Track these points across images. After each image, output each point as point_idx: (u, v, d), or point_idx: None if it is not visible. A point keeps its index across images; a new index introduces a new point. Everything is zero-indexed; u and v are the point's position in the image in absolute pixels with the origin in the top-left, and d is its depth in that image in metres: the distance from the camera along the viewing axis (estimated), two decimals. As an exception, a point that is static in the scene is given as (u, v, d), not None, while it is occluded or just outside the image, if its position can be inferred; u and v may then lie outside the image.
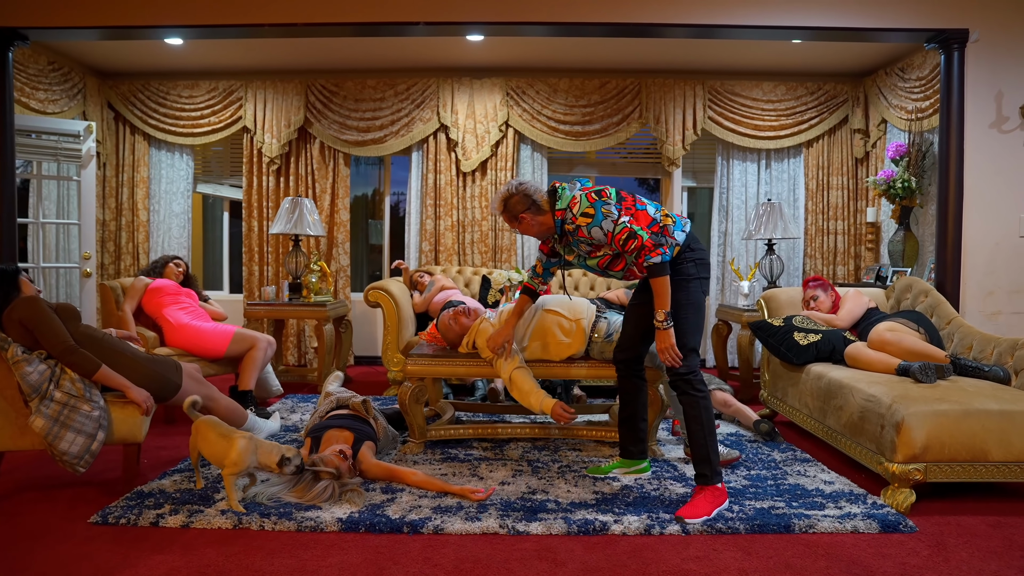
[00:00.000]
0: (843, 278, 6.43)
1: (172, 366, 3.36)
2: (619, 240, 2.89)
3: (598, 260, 3.07)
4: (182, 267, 4.95)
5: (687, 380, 2.90)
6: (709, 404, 2.92)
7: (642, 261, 2.86)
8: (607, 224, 2.91)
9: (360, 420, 3.50)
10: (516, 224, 3.10)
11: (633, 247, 2.87)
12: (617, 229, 2.89)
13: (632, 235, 2.86)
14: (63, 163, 5.84)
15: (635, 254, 2.88)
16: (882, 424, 2.98)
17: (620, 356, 3.27)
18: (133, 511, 2.82)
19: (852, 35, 4.54)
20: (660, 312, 2.86)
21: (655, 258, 2.84)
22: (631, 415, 3.29)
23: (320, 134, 6.50)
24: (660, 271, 2.85)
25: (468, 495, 2.97)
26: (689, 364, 2.90)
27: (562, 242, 3.12)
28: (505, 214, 3.11)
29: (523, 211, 3.06)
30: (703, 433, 2.87)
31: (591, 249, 3.05)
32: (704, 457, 2.87)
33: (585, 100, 6.34)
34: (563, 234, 3.07)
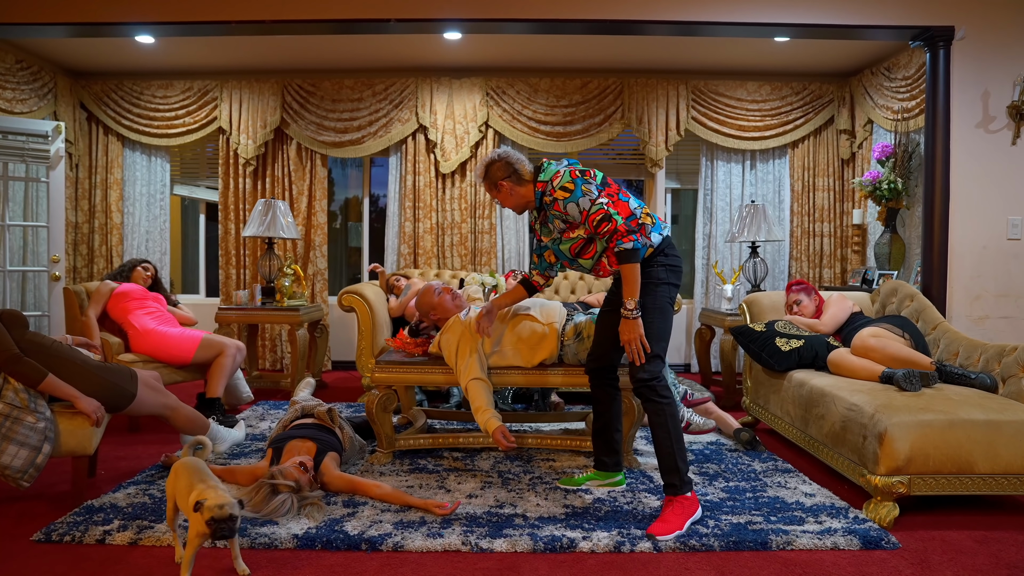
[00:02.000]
0: (829, 281, 6.33)
1: (126, 374, 3.21)
2: (593, 220, 2.80)
3: (571, 244, 2.96)
4: (150, 271, 4.80)
5: (650, 386, 2.79)
6: (675, 411, 2.81)
7: (613, 246, 2.78)
8: (584, 202, 2.83)
9: (325, 430, 3.36)
10: (495, 192, 3.03)
11: (606, 230, 2.78)
12: (593, 209, 2.80)
13: (607, 217, 2.77)
14: (31, 164, 5.69)
15: (607, 237, 2.79)
16: (864, 434, 2.86)
17: (592, 364, 3.15)
18: (79, 527, 2.67)
19: (836, 32, 4.44)
20: (629, 300, 2.76)
21: (627, 244, 2.75)
22: (604, 426, 3.17)
23: (297, 135, 6.36)
24: (631, 258, 2.77)
25: (432, 509, 2.84)
26: (652, 370, 2.79)
27: (540, 218, 3.05)
28: (486, 181, 3.04)
29: (503, 178, 2.99)
30: (670, 441, 2.75)
31: (565, 228, 2.95)
32: (672, 466, 2.75)
33: (566, 100, 6.22)
34: (541, 208, 2.99)
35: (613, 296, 3.08)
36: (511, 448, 3.06)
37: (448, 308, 3.61)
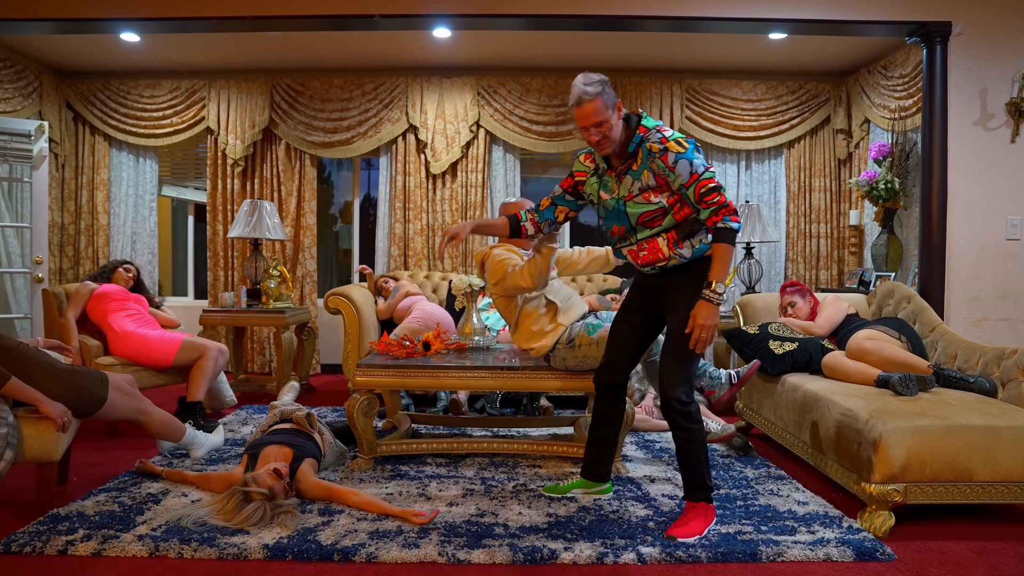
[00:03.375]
0: (826, 283, 6.23)
1: (96, 378, 3.11)
2: (702, 186, 2.52)
3: (644, 209, 2.64)
4: (132, 272, 4.71)
5: (686, 413, 2.64)
6: (705, 436, 2.70)
7: (718, 219, 2.51)
8: (697, 164, 2.54)
9: (303, 435, 3.26)
10: (606, 118, 2.53)
11: (714, 201, 2.51)
12: (705, 175, 2.53)
13: (718, 189, 2.53)
14: (13, 164, 5.59)
15: (713, 208, 2.51)
16: (859, 441, 2.76)
17: (606, 378, 2.94)
18: (41, 537, 2.57)
19: (832, 28, 4.35)
20: (718, 283, 2.53)
21: (733, 223, 2.52)
22: (603, 437, 3.02)
23: (286, 135, 6.27)
24: (731, 238, 2.54)
25: (410, 518, 2.73)
26: (689, 392, 2.66)
27: (614, 169, 2.69)
28: (598, 100, 2.50)
29: (615, 104, 2.58)
30: (700, 464, 2.67)
31: (647, 189, 2.62)
32: (701, 483, 2.68)
33: (559, 100, 6.13)
34: (625, 157, 2.65)
35: (639, 301, 2.87)
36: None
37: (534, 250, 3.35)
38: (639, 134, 2.61)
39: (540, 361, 3.49)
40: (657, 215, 2.64)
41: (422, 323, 4.69)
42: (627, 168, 2.66)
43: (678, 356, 2.66)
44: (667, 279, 2.75)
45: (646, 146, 2.59)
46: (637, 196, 2.64)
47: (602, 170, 2.75)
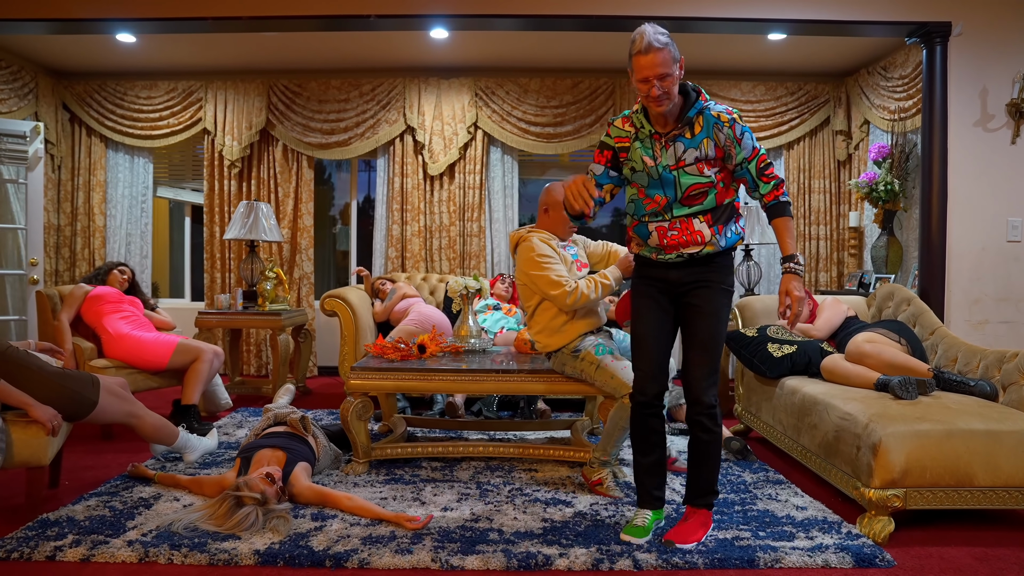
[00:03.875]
0: (825, 285, 6.19)
1: (87, 381, 3.07)
2: (762, 161, 2.50)
3: (695, 181, 2.47)
4: (127, 274, 4.67)
5: (712, 414, 2.54)
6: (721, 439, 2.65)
7: (779, 194, 2.50)
8: (754, 139, 2.51)
9: (296, 439, 3.22)
10: (671, 70, 2.32)
11: (774, 175, 2.51)
12: (761, 150, 2.51)
13: (772, 164, 2.52)
14: (9, 165, 5.56)
15: (775, 183, 2.50)
16: (858, 445, 2.72)
17: (651, 393, 2.62)
18: (30, 543, 2.53)
19: (831, 28, 4.31)
20: (799, 254, 2.51)
21: (785, 198, 2.53)
22: (659, 459, 2.70)
23: (283, 136, 6.23)
24: (790, 211, 2.54)
25: (403, 523, 2.70)
26: (716, 393, 2.57)
27: (660, 133, 2.48)
28: (665, 51, 2.32)
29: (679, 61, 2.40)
30: (715, 469, 2.62)
31: (704, 160, 2.46)
32: (711, 488, 2.62)
33: (557, 101, 6.10)
34: (679, 123, 2.46)
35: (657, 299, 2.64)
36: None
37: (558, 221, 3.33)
38: (701, 101, 2.46)
39: (537, 363, 3.46)
40: (703, 191, 2.48)
41: (419, 325, 4.66)
42: (679, 134, 2.47)
43: (711, 356, 2.54)
44: (694, 271, 2.56)
45: (711, 113, 2.45)
46: (690, 166, 2.46)
47: (645, 133, 2.52)
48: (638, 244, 2.67)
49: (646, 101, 2.41)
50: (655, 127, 2.51)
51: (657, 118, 2.49)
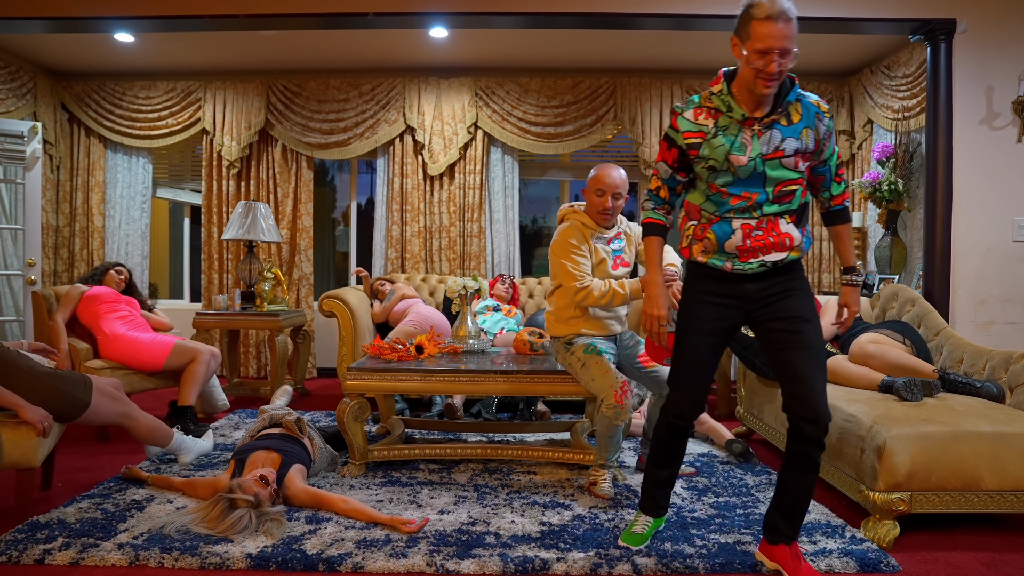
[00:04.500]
0: (828, 286, 6.14)
1: (79, 382, 3.03)
2: (840, 160, 2.35)
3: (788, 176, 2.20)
4: (124, 274, 4.63)
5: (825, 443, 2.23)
6: None
7: (847, 197, 2.36)
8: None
9: (292, 440, 3.18)
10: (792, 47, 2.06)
11: (843, 177, 2.36)
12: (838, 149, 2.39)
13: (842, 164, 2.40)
14: (6, 165, 5.53)
15: (844, 184, 2.34)
16: (862, 448, 2.67)
17: (693, 415, 2.40)
18: (18, 546, 2.49)
19: (834, 26, 4.27)
20: (856, 266, 2.37)
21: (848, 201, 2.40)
22: (674, 473, 2.55)
23: (282, 136, 6.20)
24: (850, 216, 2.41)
25: (398, 526, 2.65)
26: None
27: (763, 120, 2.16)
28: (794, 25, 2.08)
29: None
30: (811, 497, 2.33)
31: (802, 153, 2.19)
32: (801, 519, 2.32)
33: (557, 100, 6.05)
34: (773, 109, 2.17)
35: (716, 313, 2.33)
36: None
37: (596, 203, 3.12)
38: (797, 86, 2.20)
39: (536, 364, 3.41)
40: (793, 189, 2.22)
41: (417, 326, 4.62)
42: (775, 120, 2.17)
43: (823, 369, 2.24)
44: (775, 281, 2.28)
45: (810, 102, 2.21)
46: (788, 158, 2.17)
47: (736, 117, 2.18)
48: (707, 251, 2.30)
49: (757, 77, 2.06)
50: (747, 111, 2.18)
51: (748, 100, 2.16)
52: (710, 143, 2.20)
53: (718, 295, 2.32)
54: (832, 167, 2.31)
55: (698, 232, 2.31)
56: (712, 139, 2.19)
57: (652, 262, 2.43)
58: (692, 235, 2.34)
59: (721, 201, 2.24)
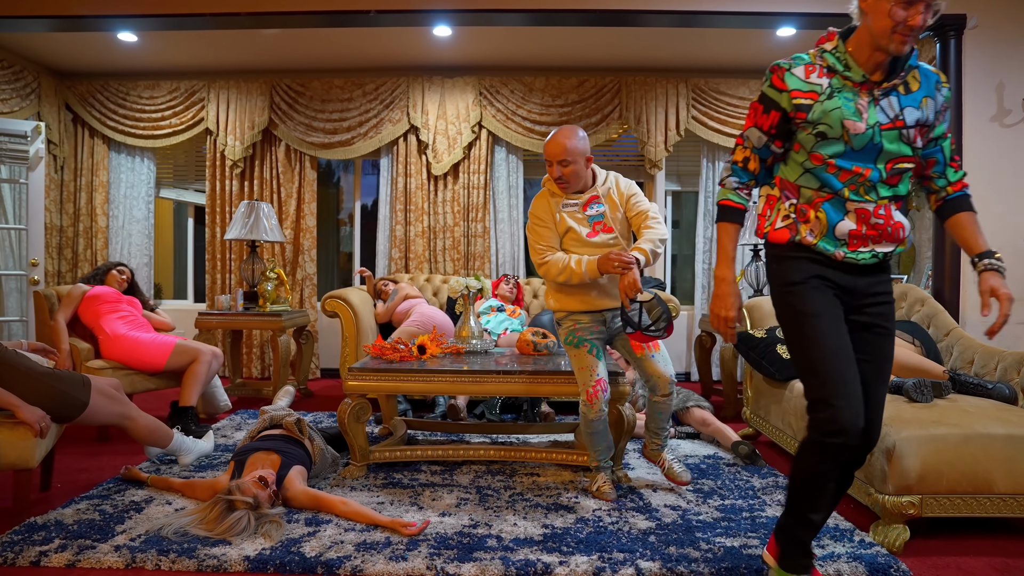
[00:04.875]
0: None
1: (78, 382, 3.00)
2: (953, 141, 2.11)
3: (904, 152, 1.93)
4: (126, 274, 4.61)
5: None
6: None
7: (967, 184, 2.06)
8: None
9: (292, 441, 3.14)
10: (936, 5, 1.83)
11: (960, 164, 2.12)
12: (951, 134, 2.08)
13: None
14: (9, 165, 5.52)
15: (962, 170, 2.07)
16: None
17: (859, 425, 1.89)
18: (15, 548, 2.46)
19: (842, 22, 4.19)
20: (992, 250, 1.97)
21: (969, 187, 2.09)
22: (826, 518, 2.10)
23: (285, 136, 6.17)
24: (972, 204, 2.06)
25: (399, 529, 2.61)
26: None
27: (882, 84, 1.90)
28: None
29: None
30: None
31: (922, 126, 1.93)
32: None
33: (562, 100, 6.01)
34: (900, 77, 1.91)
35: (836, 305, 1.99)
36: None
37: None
38: (916, 52, 1.95)
39: (540, 364, 3.37)
40: (906, 165, 1.95)
41: (420, 326, 4.58)
42: (893, 87, 1.92)
43: (886, 385, 2.05)
44: (879, 280, 2.04)
45: (930, 70, 1.98)
46: (909, 128, 1.92)
47: (856, 79, 1.91)
48: (814, 231, 1.98)
49: (894, 31, 1.82)
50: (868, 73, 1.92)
51: (867, 62, 1.90)
52: (823, 105, 1.91)
53: (828, 283, 1.99)
54: (946, 150, 2.03)
55: (801, 211, 2.00)
56: (826, 100, 1.91)
57: (724, 255, 2.11)
58: (793, 214, 2.02)
59: (826, 176, 1.95)
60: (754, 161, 2.07)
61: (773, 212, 2.07)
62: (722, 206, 2.13)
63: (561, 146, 2.87)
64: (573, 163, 2.88)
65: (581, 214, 2.94)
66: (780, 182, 2.07)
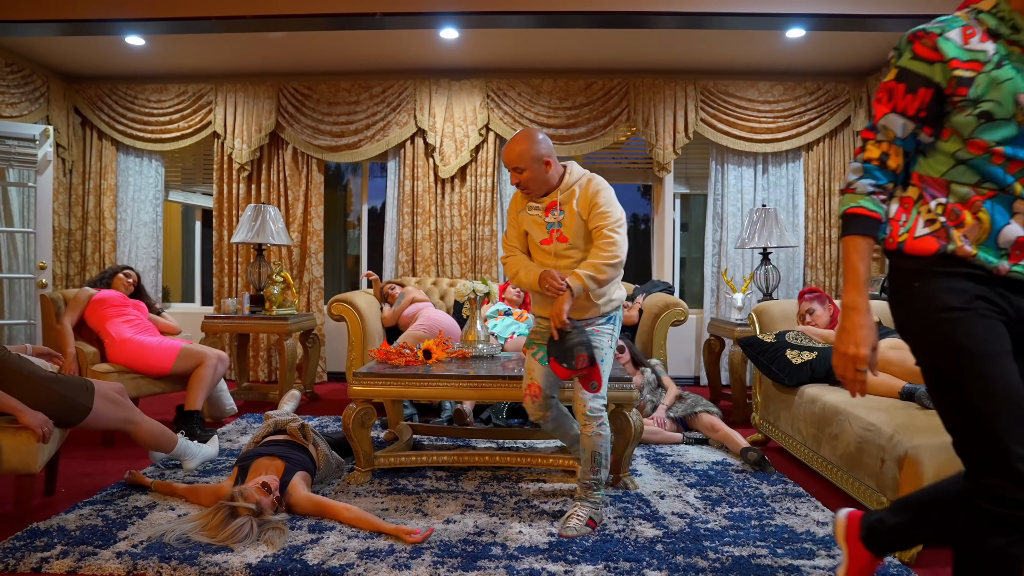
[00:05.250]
0: (848, 291, 6.00)
1: (81, 386, 2.98)
2: None
3: None
4: (132, 278, 4.60)
5: None
6: None
7: None
8: None
9: (296, 447, 3.12)
10: None
11: None
12: None
13: None
14: (17, 169, 5.53)
15: None
16: (883, 458, 2.57)
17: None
18: (16, 554, 2.44)
19: (854, 23, 4.16)
20: None
21: None
22: None
23: (292, 139, 6.16)
24: None
25: (402, 536, 2.58)
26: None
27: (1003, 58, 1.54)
28: None
29: None
30: None
31: None
32: None
33: (570, 102, 5.98)
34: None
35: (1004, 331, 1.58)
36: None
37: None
38: None
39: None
40: None
41: (427, 330, 4.55)
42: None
43: None
44: None
45: None
46: None
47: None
48: (970, 238, 1.58)
49: None
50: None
51: None
52: (990, 76, 1.52)
53: (994, 307, 1.58)
54: None
55: (952, 213, 1.60)
56: (994, 71, 1.52)
57: (855, 277, 1.67)
58: (942, 217, 1.61)
59: (990, 168, 1.56)
60: (895, 156, 1.66)
61: (910, 216, 1.66)
62: (851, 216, 1.68)
63: (514, 153, 2.73)
64: (528, 169, 2.72)
65: (542, 219, 2.80)
66: (919, 179, 1.67)
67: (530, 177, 2.74)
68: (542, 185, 2.77)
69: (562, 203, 2.76)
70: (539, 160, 2.73)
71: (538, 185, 2.76)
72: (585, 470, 2.77)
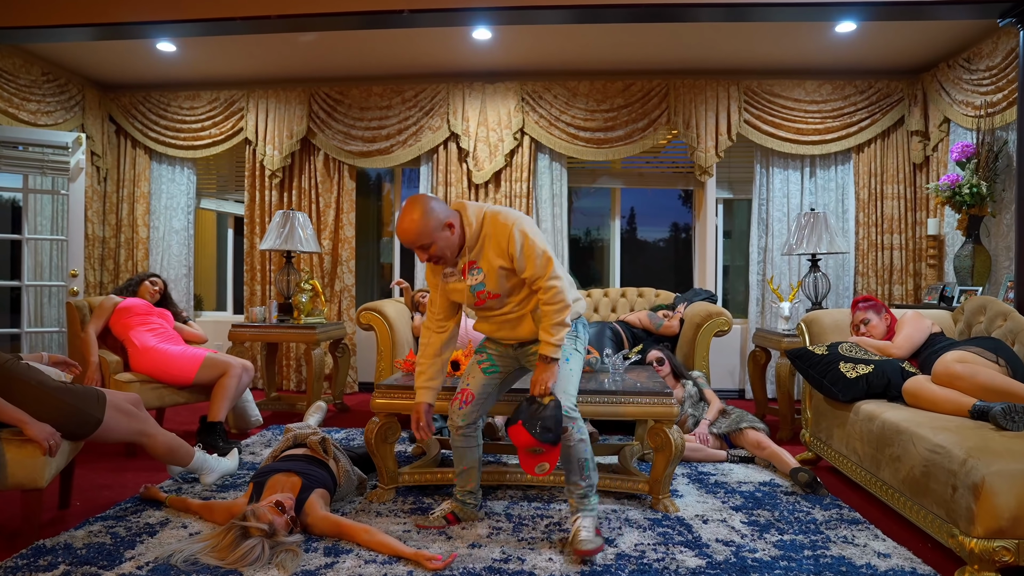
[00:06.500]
0: (900, 299, 5.69)
1: (92, 397, 2.86)
2: None
3: None
4: (159, 285, 4.52)
5: None
6: None
7: None
8: None
9: (316, 462, 2.96)
10: None
11: None
12: None
13: None
14: (51, 176, 5.52)
15: None
16: (954, 484, 2.30)
17: None
18: (18, 573, 2.32)
19: (908, 11, 3.86)
20: None
21: None
22: None
23: (324, 145, 6.07)
24: None
25: (423, 562, 2.40)
26: None
27: None
28: None
29: None
30: None
31: None
32: None
33: (607, 104, 5.77)
34: None
35: None
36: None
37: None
38: None
39: (582, 382, 3.12)
40: None
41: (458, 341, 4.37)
42: None
43: None
44: None
45: None
46: None
47: None
48: None
49: None
50: None
51: None
52: None
53: None
54: None
55: None
56: None
57: None
58: None
59: None
60: None
61: None
62: None
63: (412, 231, 2.47)
64: (434, 242, 2.50)
65: (463, 283, 2.62)
66: None
67: (439, 249, 2.52)
68: (454, 251, 2.56)
69: (477, 262, 2.58)
70: (440, 227, 2.50)
71: (451, 252, 2.56)
72: (575, 480, 2.59)
